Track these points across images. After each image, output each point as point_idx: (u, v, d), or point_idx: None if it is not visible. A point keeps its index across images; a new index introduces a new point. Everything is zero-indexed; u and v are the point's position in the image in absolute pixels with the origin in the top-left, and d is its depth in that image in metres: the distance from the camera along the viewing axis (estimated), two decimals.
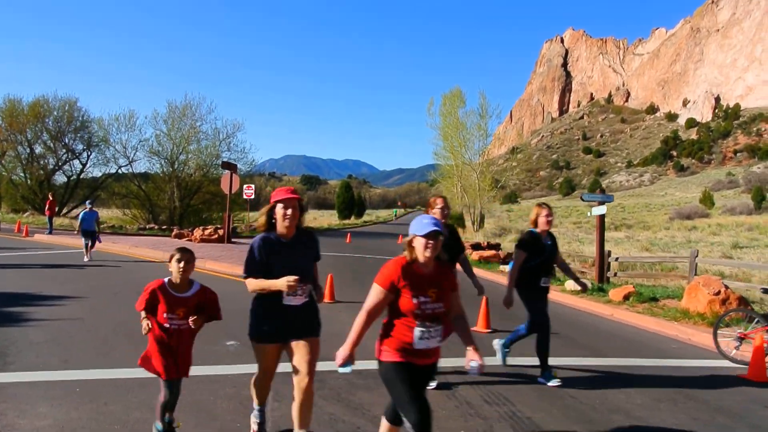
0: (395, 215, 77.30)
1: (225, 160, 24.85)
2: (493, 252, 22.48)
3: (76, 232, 17.13)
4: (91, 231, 16.41)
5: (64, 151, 39.80)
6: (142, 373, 6.33)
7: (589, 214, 17.19)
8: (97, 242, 17.07)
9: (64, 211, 38.92)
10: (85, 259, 16.29)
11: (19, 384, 5.77)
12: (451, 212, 8.54)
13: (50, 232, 24.37)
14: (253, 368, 6.54)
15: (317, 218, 63.15)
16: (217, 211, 40.02)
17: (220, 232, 22.63)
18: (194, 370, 6.54)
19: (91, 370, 6.34)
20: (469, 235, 42.95)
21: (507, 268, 20.27)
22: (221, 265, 16.13)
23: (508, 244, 32.89)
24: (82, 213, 16.74)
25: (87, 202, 17.63)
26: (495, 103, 52.95)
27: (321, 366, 6.84)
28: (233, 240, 22.99)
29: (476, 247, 25.13)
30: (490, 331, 9.57)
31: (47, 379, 5.95)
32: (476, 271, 19.59)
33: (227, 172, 22.11)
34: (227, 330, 8.46)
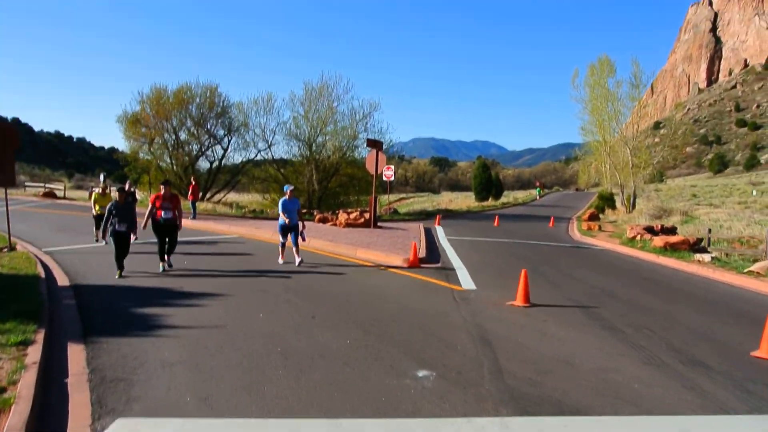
0: (539, 194, 73.00)
1: (369, 138, 22.98)
2: (680, 237, 18.86)
3: (285, 221, 12.17)
4: (294, 225, 12.29)
5: (207, 136, 40.19)
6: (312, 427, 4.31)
7: (753, 192, 13.41)
8: (301, 240, 12.54)
9: (207, 196, 39.45)
10: (286, 261, 12.47)
11: None
12: (601, 191, 5.78)
13: (194, 217, 23.90)
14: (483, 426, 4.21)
15: (453, 200, 60.64)
16: (354, 193, 39.01)
17: (366, 215, 20.85)
18: (378, 426, 4.40)
19: (238, 419, 4.37)
20: (623, 217, 38.77)
21: (705, 257, 16.77)
22: (373, 253, 14.18)
23: (683, 229, 28.73)
24: (282, 201, 12.41)
25: (286, 187, 12.72)
26: (644, 73, 47.35)
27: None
28: (379, 224, 21.15)
29: (650, 230, 21.69)
30: None
31: None
32: (666, 261, 16.47)
33: (372, 150, 20.22)
34: (412, 349, 6.25)
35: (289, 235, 12.39)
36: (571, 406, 4.80)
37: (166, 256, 11.32)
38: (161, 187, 11.50)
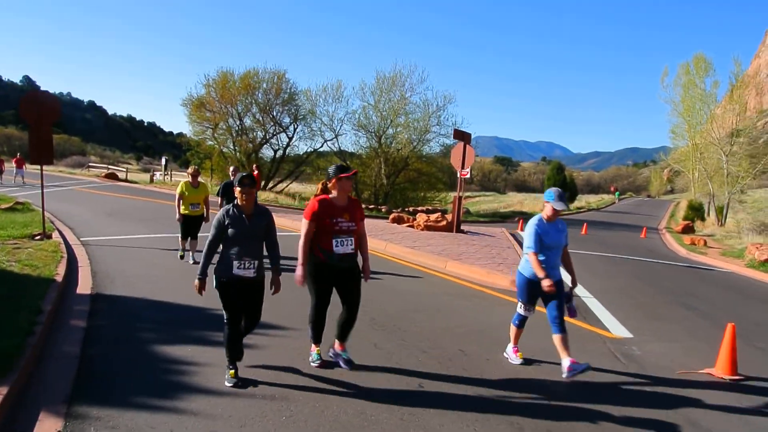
0: (618, 198, 69.31)
1: (457, 128, 20.06)
2: None
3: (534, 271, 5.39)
4: (557, 281, 5.38)
5: (272, 124, 38.27)
6: None
7: None
8: (568, 313, 5.46)
9: (269, 185, 37.58)
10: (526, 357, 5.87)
11: None
12: (691, 201, 3.06)
13: None
14: None
15: (523, 202, 57.06)
16: (422, 190, 36.53)
17: (448, 217, 17.92)
18: None
19: None
20: (718, 230, 33.79)
21: None
22: (468, 268, 11.24)
23: None
24: (536, 223, 5.42)
25: (550, 195, 5.42)
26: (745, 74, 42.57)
27: None
28: (462, 229, 18.18)
29: None
30: None
31: None
32: None
33: (459, 142, 17.39)
34: None
35: (544, 300, 5.41)
36: None
37: (342, 336, 5.28)
38: (333, 181, 5.01)
